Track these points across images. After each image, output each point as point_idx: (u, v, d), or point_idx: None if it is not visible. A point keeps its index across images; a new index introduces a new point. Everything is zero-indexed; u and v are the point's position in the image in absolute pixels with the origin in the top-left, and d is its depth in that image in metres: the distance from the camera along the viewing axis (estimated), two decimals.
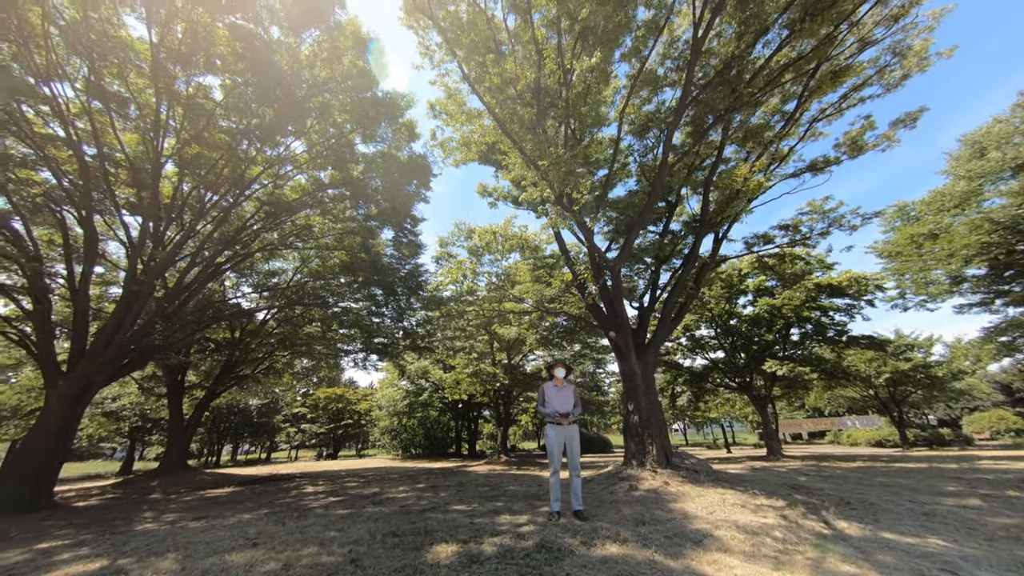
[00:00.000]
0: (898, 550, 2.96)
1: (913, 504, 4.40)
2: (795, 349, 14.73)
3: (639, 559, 2.83)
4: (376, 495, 6.33)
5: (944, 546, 3.05)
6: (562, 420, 4.29)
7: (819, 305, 12.68)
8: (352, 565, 2.85)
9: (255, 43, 8.12)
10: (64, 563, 3.26)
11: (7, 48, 7.18)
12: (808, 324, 14.24)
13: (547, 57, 5.74)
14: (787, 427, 28.28)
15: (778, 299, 12.74)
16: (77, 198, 8.30)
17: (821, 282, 12.54)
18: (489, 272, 15.23)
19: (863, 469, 8.73)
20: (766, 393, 15.22)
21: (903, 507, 4.26)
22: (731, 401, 26.56)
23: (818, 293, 12.60)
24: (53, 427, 7.10)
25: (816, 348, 14.74)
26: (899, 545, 3.07)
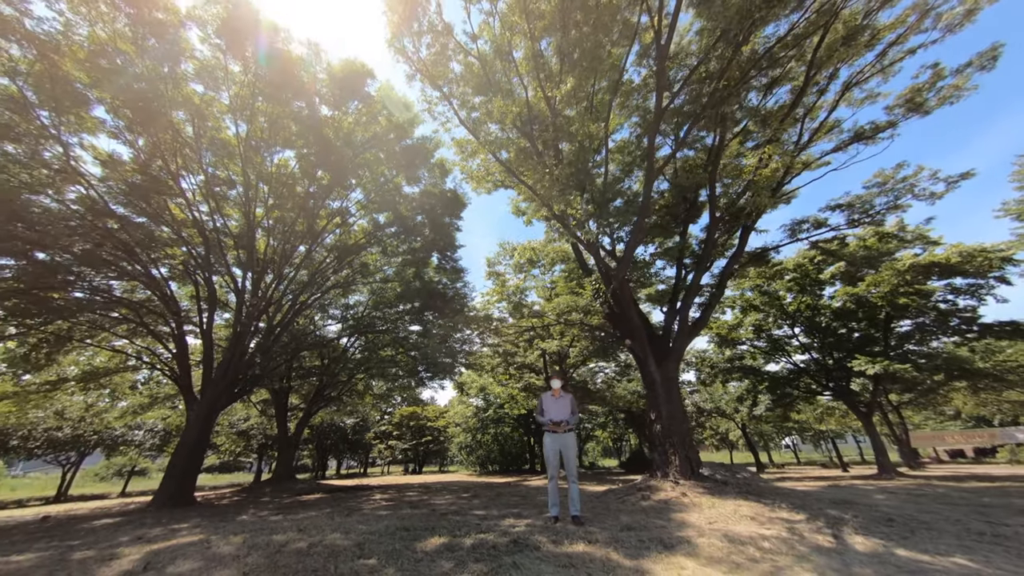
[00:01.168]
0: (889, 564, 2.70)
1: (976, 525, 3.71)
2: (904, 344, 12.35)
3: (596, 556, 3.03)
4: (418, 501, 7.09)
5: (960, 564, 2.69)
6: (556, 428, 4.57)
7: (919, 290, 10.51)
8: (356, 548, 3.52)
9: (312, 121, 10.02)
10: (179, 533, 4.49)
11: (160, 162, 9.89)
12: (922, 313, 11.89)
13: (531, 87, 6.25)
14: (928, 441, 23.09)
15: (861, 287, 10.93)
16: (202, 263, 10.88)
17: (920, 261, 10.43)
18: (537, 285, 15.83)
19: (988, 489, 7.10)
20: (871, 399, 12.89)
21: (956, 527, 3.63)
22: (835, 410, 22.83)
23: (917, 275, 10.47)
24: (191, 442, 9.29)
25: (935, 342, 12.24)
26: (898, 560, 2.78)
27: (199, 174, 10.37)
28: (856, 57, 6.11)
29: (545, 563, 2.93)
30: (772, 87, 6.71)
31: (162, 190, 9.96)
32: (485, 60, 6.84)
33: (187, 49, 8.98)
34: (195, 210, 10.53)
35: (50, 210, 8.46)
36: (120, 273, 9.93)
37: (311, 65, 9.72)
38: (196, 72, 9.16)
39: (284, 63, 9.22)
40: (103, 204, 8.91)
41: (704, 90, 5.54)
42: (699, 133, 6.86)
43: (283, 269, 11.96)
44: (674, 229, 8.13)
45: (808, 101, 6.70)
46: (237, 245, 11.47)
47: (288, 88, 9.48)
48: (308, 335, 14.55)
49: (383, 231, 13.70)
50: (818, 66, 5.88)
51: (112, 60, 8.00)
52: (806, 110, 6.61)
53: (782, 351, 14.56)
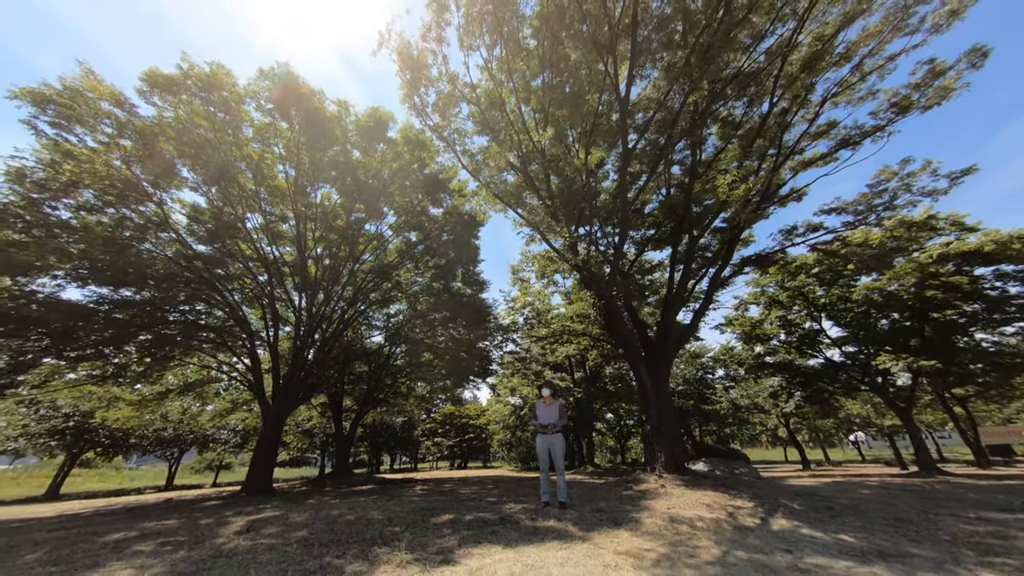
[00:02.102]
0: (780, 538, 3.44)
1: (911, 515, 4.20)
2: (949, 335, 11.71)
3: (557, 529, 4.01)
4: (447, 491, 8.36)
5: (841, 539, 3.36)
6: (544, 430, 5.55)
7: (946, 282, 9.94)
8: (387, 520, 4.76)
9: (346, 167, 11.65)
10: (265, 510, 6.02)
11: (229, 208, 11.96)
12: (969, 302, 11.23)
13: (519, 132, 7.23)
14: (998, 436, 20.98)
15: (882, 280, 10.57)
16: (266, 289, 12.95)
17: (950, 251, 9.92)
18: (560, 290, 16.76)
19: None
20: (909, 394, 12.35)
21: (886, 516, 4.15)
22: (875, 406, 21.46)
23: (947, 266, 9.96)
24: (267, 441, 11.28)
25: (986, 333, 11.55)
26: (793, 536, 3.49)
27: (259, 215, 12.37)
28: (820, 75, 6.38)
29: (517, 532, 3.96)
30: (752, 104, 7.11)
31: (232, 233, 12.05)
32: (482, 106, 7.91)
33: (246, 117, 10.88)
34: (258, 245, 12.58)
35: (154, 255, 10.73)
36: (206, 302, 12.17)
37: (342, 119, 11.32)
38: (254, 134, 11.05)
39: (320, 120, 10.88)
40: (190, 247, 11.07)
41: (664, 131, 6.18)
42: (675, 156, 7.45)
43: (332, 289, 13.81)
44: (666, 242, 8.69)
45: (788, 120, 7.04)
46: (293, 272, 13.46)
47: (325, 139, 11.17)
48: (355, 346, 16.42)
49: (415, 248, 15.25)
50: (783, 89, 6.28)
51: (191, 133, 9.99)
52: (781, 128, 6.94)
53: (814, 346, 14.26)
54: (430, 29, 8.87)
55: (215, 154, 10.26)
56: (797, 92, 6.59)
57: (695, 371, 22.78)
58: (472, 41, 8.23)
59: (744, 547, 3.27)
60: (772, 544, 3.30)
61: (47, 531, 5.41)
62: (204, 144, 10.13)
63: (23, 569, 3.40)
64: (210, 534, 4.48)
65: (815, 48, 5.99)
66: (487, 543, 3.54)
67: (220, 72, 9.92)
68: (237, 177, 11.25)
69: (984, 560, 2.93)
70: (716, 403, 21.37)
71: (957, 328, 11.91)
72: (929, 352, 11.07)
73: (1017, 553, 3.08)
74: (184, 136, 9.86)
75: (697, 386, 22.32)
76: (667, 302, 7.80)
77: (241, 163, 11.42)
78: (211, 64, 9.84)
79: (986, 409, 26.14)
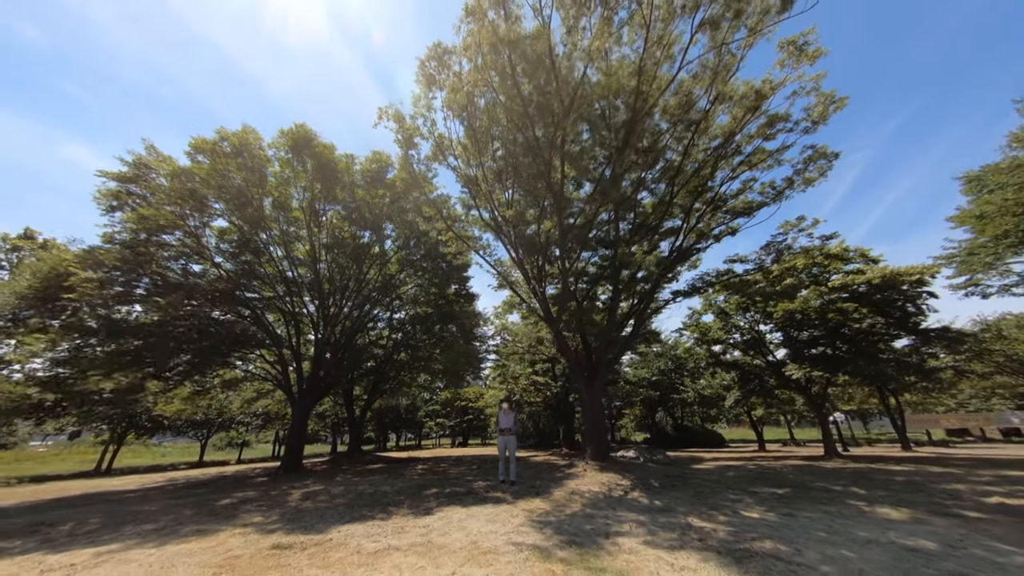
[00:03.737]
0: (619, 501, 6.03)
1: (739, 485, 6.82)
2: (858, 346, 14.14)
3: (498, 497, 6.63)
4: (440, 471, 11.13)
5: (652, 503, 5.95)
6: (503, 432, 8.15)
7: (840, 307, 12.25)
8: (395, 492, 7.43)
9: (352, 206, 13.89)
10: (309, 485, 8.74)
11: (254, 236, 14.27)
12: (866, 321, 13.52)
13: (490, 202, 9.50)
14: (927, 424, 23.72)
15: (797, 302, 12.92)
16: (287, 302, 15.45)
17: (849, 281, 12.21)
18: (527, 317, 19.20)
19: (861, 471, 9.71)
20: (821, 391, 14.92)
21: (710, 487, 6.77)
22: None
23: (843, 294, 12.30)
24: (297, 428, 14.09)
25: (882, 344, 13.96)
26: (628, 500, 6.09)
27: (280, 245, 14.73)
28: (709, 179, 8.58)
29: (473, 499, 6.59)
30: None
31: (258, 253, 14.47)
32: (460, 173, 10.15)
33: (268, 163, 13.05)
34: (280, 266, 15.00)
35: (196, 275, 13.18)
36: (244, 316, 14.72)
37: (349, 167, 13.50)
38: (275, 174, 13.25)
39: (330, 166, 13.06)
40: (223, 271, 13.52)
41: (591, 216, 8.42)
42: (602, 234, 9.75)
43: (343, 301, 16.32)
44: (607, 280, 11.06)
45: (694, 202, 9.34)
46: (310, 288, 15.94)
47: (333, 182, 13.37)
48: (365, 351, 19.08)
49: (413, 256, 17.61)
50: (679, 187, 8.52)
51: (224, 176, 12.18)
52: (686, 211, 9.19)
53: (759, 347, 16.78)
54: (420, 99, 10.99)
55: (241, 191, 12.51)
56: (691, 188, 8.82)
57: (668, 363, 25.53)
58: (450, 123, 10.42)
59: (594, 506, 5.86)
60: (611, 504, 5.89)
61: (167, 499, 8.15)
62: (236, 188, 12.39)
63: (194, 518, 6.05)
64: (283, 500, 7.17)
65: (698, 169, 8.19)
66: (453, 505, 6.17)
67: (248, 134, 12.07)
68: (262, 209, 13.56)
69: (706, 513, 5.49)
70: (684, 392, 24.21)
71: (863, 340, 14.32)
72: (845, 360, 13.58)
73: (727, 513, 5.63)
74: (219, 181, 12.09)
75: (670, 376, 25.10)
76: (602, 333, 10.20)
77: (266, 197, 13.68)
78: (243, 127, 11.99)
79: (935, 399, 29.01)
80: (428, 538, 4.41)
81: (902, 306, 12.53)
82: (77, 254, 10.32)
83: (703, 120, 7.90)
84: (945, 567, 3.30)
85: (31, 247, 21.83)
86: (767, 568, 3.31)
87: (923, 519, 4.95)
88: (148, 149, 10.88)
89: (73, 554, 4.26)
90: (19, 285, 10.24)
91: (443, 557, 3.78)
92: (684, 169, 8.52)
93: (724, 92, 7.78)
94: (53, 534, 5.34)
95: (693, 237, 10.44)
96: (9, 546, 4.79)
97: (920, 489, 6.87)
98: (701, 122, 7.89)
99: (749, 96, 8.49)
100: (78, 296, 9.42)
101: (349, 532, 4.73)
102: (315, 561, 3.77)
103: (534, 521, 5.04)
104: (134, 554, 4.18)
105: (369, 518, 5.47)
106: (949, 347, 13.24)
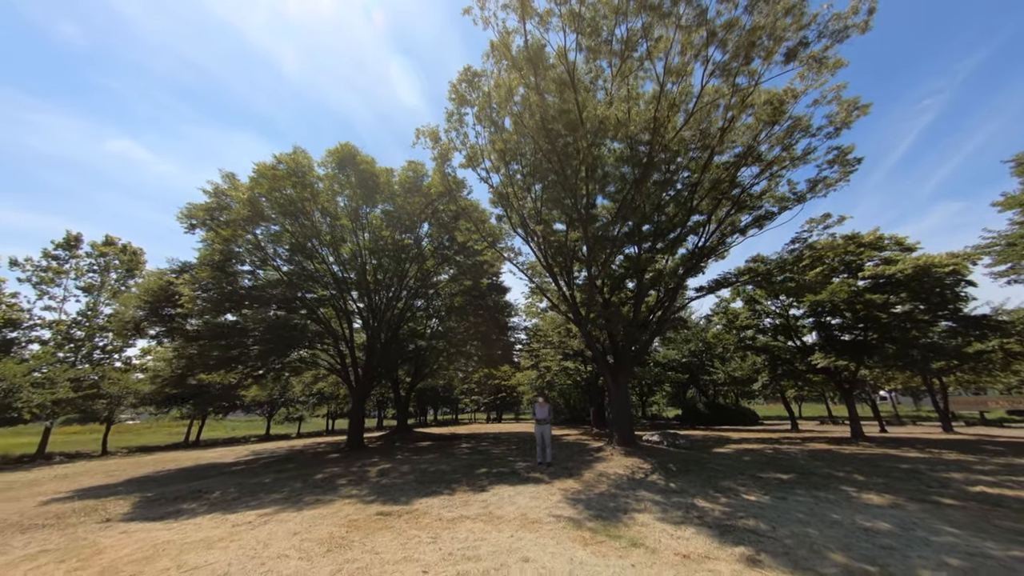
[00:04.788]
0: (639, 482, 7.38)
1: (724, 471, 7.99)
2: (890, 333, 14.35)
3: (538, 478, 8.16)
4: (484, 449, 12.93)
5: (668, 485, 7.25)
6: (540, 423, 9.62)
7: (869, 300, 12.42)
8: (451, 471, 9.15)
9: (394, 215, 15.33)
10: (379, 464, 10.70)
11: (308, 239, 16.11)
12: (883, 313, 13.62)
13: (522, 214, 10.62)
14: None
15: (824, 293, 13.20)
16: (338, 299, 17.45)
17: (880, 272, 12.35)
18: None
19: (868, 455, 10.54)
20: (851, 377, 15.32)
21: (713, 471, 7.97)
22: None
23: (874, 286, 12.45)
24: (357, 411, 16.36)
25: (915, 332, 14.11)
26: (648, 482, 7.42)
27: (329, 248, 16.54)
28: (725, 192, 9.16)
29: (517, 479, 8.15)
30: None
31: (311, 254, 16.39)
32: (494, 191, 11.25)
33: (317, 177, 14.63)
34: (330, 267, 16.89)
35: (266, 280, 15.28)
36: (307, 316, 16.88)
37: (390, 180, 14.85)
38: (324, 188, 14.86)
39: (372, 178, 14.46)
40: (283, 275, 15.54)
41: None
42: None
43: (386, 296, 18.18)
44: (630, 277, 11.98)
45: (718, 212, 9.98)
46: (357, 286, 17.84)
47: (375, 191, 14.81)
48: (409, 340, 21.09)
49: (446, 250, 19.09)
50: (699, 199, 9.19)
51: (280, 190, 13.88)
52: (708, 212, 9.83)
53: (789, 332, 17.22)
54: (452, 115, 12.02)
55: (293, 201, 14.24)
56: (712, 197, 9.49)
57: (698, 344, 26.16)
58: (483, 130, 11.42)
59: (618, 487, 7.23)
60: (632, 485, 7.23)
61: (272, 472, 10.33)
62: (291, 202, 14.11)
63: (305, 490, 7.97)
64: (364, 476, 9.06)
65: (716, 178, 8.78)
66: (502, 484, 7.75)
67: (300, 155, 13.62)
68: (313, 218, 15.32)
69: (711, 496, 6.71)
70: (714, 373, 24.91)
71: (895, 327, 14.51)
72: (873, 346, 13.96)
73: (731, 495, 6.81)
74: (277, 197, 13.82)
75: (700, 358, 25.80)
76: (627, 332, 11.23)
77: (315, 207, 15.38)
78: (295, 149, 13.55)
79: (988, 381, 28.15)
80: (488, 510, 5.95)
81: (940, 292, 12.63)
82: (185, 279, 12.41)
83: (718, 144, 8.47)
84: (881, 542, 4.40)
85: (114, 252, 25.22)
86: (741, 539, 4.54)
87: (900, 504, 5.96)
88: (225, 178, 12.71)
89: (242, 515, 6.15)
90: (136, 300, 12.59)
91: (502, 524, 5.27)
92: (703, 183, 9.16)
93: (740, 113, 8.27)
94: (212, 499, 7.39)
95: (716, 237, 11.09)
96: (192, 507, 6.82)
97: (916, 477, 7.74)
98: (716, 146, 8.47)
99: (773, 102, 8.89)
100: (186, 309, 11.57)
101: (429, 504, 6.37)
102: (411, 525, 5.38)
103: (568, 499, 6.49)
104: (283, 515, 5.99)
105: (439, 493, 7.13)
106: (995, 330, 13.22)
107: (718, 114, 8.44)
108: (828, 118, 8.82)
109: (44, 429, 19.99)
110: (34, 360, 19.41)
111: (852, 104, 8.69)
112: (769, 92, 8.94)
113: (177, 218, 14.40)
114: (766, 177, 9.54)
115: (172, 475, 10.84)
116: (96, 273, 24.76)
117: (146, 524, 5.88)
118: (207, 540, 4.95)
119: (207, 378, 13.70)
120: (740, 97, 7.81)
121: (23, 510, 7.22)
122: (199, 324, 13.01)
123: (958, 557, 4.01)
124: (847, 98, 8.65)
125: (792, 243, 11.26)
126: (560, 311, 10.86)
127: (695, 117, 8.08)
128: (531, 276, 12.86)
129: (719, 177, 9.10)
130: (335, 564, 4.05)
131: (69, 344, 22.29)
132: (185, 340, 12.64)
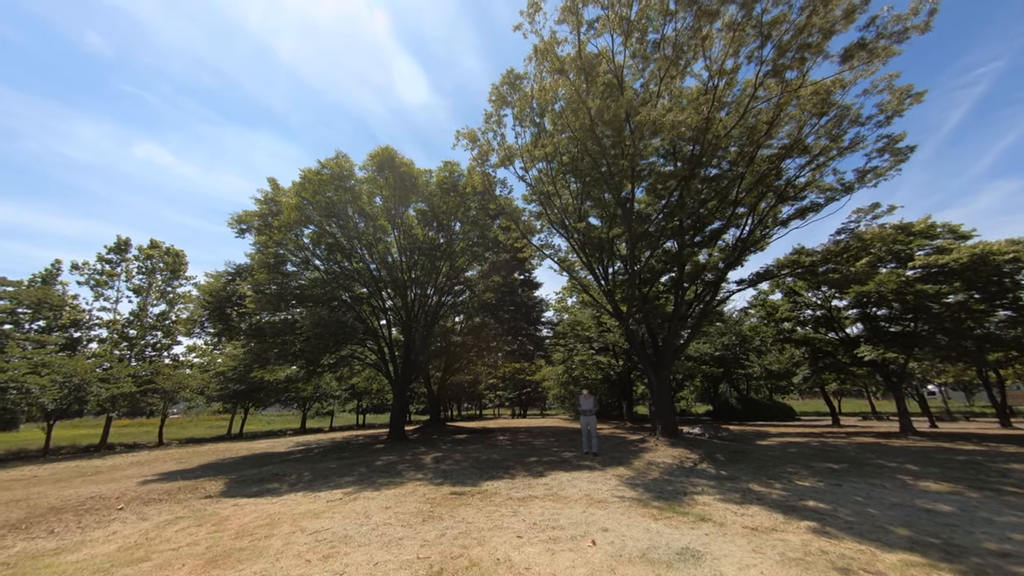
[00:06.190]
0: (690, 470, 7.79)
1: (799, 460, 8.30)
2: (942, 323, 14.07)
3: (590, 466, 8.68)
4: (525, 442, 13.54)
5: (719, 472, 7.64)
6: (585, 413, 10.12)
7: (919, 290, 12.21)
8: (502, 459, 9.78)
9: (430, 215, 16.02)
10: (426, 455, 11.45)
11: (348, 240, 17.03)
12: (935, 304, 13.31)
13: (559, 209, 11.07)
14: None
15: (870, 285, 13.05)
16: (375, 296, 18.33)
17: (931, 261, 12.15)
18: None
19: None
20: (899, 370, 15.11)
21: (761, 462, 8.28)
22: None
23: (926, 276, 12.25)
24: (398, 404, 17.27)
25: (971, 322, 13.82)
26: (698, 470, 7.82)
27: (367, 248, 17.40)
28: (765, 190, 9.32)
29: (570, 466, 8.68)
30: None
31: (349, 255, 17.28)
32: (534, 191, 11.74)
33: (357, 180, 15.43)
34: (368, 265, 17.77)
35: (310, 280, 16.27)
36: (352, 315, 17.86)
37: (428, 181, 15.51)
38: (364, 191, 15.67)
39: (410, 179, 15.16)
40: (324, 275, 16.48)
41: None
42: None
43: (421, 293, 18.98)
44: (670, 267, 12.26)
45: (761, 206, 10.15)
46: (393, 283, 18.70)
47: (412, 191, 15.51)
48: (442, 336, 21.92)
49: (478, 247, 19.71)
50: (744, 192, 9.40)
51: (322, 194, 14.73)
52: (751, 206, 10.00)
53: (831, 324, 17.08)
54: (491, 116, 12.53)
55: (334, 204, 15.09)
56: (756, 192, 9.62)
57: (732, 337, 26.02)
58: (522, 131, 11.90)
59: (670, 474, 7.67)
60: (683, 472, 7.65)
61: (332, 460, 11.21)
62: (333, 204, 14.97)
63: (371, 475, 8.73)
64: (421, 463, 9.79)
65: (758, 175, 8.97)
66: (557, 470, 8.30)
67: (342, 160, 14.43)
68: (352, 220, 16.17)
69: (765, 481, 7.05)
70: (749, 367, 24.77)
71: (948, 318, 14.20)
72: (924, 337, 13.79)
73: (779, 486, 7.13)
74: (321, 200, 14.69)
75: (734, 351, 25.68)
76: (669, 327, 11.53)
77: (355, 209, 16.22)
78: (337, 154, 14.37)
79: None
80: (553, 491, 6.50)
81: (998, 281, 12.38)
82: (249, 281, 13.48)
83: (764, 138, 8.64)
84: (944, 520, 4.71)
85: (159, 255, 27.00)
86: (805, 515, 4.94)
87: (959, 491, 6.18)
88: (271, 183, 13.65)
89: (330, 493, 6.92)
90: (200, 301, 13.75)
91: (570, 503, 5.82)
92: (747, 176, 9.35)
93: (786, 105, 8.42)
94: (291, 480, 8.24)
95: (759, 230, 11.25)
96: (277, 487, 7.66)
97: (975, 467, 7.86)
98: (762, 140, 8.65)
99: (820, 92, 8.99)
100: (249, 308, 12.61)
101: (495, 486, 6.98)
102: (487, 502, 5.99)
103: (625, 483, 6.98)
104: (367, 494, 6.72)
105: (500, 477, 7.75)
106: None
107: (765, 105, 8.61)
108: (879, 107, 8.85)
109: (106, 420, 21.84)
110: (96, 358, 21.19)
111: (905, 92, 8.70)
112: (816, 83, 9.03)
113: (228, 223, 15.53)
114: (811, 167, 9.62)
115: (238, 462, 11.87)
116: (144, 275, 26.59)
117: (250, 499, 6.72)
118: (312, 511, 5.69)
119: (269, 376, 14.78)
120: (789, 91, 7.99)
121: (128, 489, 8.25)
122: (260, 322, 14.07)
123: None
124: (899, 86, 8.69)
125: (838, 233, 11.29)
126: (599, 305, 11.28)
127: (743, 116, 8.27)
128: (568, 271, 13.28)
129: (764, 170, 9.26)
130: (437, 530, 4.68)
131: (124, 342, 24.15)
132: (247, 338, 13.71)
